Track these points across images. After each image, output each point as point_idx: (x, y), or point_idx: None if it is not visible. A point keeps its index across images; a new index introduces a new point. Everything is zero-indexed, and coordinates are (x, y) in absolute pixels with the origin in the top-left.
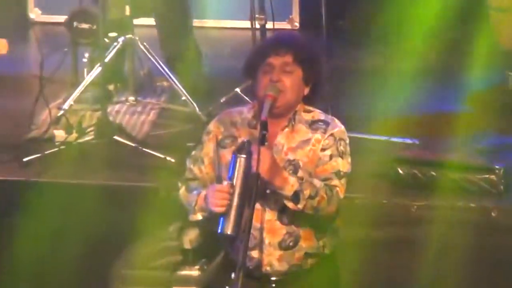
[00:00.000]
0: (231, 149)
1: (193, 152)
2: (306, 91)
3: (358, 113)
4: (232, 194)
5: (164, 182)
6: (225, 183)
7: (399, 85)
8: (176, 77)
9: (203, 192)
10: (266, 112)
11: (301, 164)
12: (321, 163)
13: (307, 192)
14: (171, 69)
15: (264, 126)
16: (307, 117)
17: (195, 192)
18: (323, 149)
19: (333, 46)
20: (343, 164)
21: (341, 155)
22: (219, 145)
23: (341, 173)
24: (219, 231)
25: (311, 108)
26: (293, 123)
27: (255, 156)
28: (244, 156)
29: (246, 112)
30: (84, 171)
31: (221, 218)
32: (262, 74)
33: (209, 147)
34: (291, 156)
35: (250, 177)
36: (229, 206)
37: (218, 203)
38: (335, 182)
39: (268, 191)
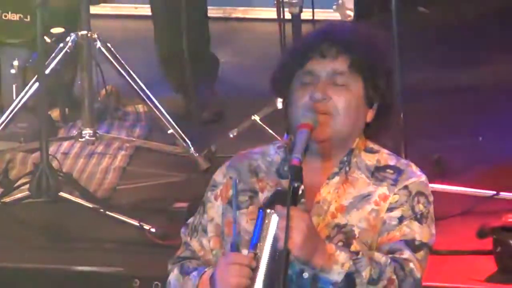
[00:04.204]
0: (249, 212)
1: (190, 218)
2: (370, 116)
3: (448, 154)
4: (255, 271)
5: (140, 265)
6: (246, 252)
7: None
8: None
9: (208, 272)
10: (301, 151)
11: (356, 232)
12: (385, 229)
13: (366, 274)
14: (164, 73)
15: (297, 174)
16: (370, 160)
17: (194, 273)
18: (390, 209)
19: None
20: (422, 232)
21: (419, 218)
22: (231, 205)
23: (416, 242)
24: None
25: (375, 147)
26: (347, 169)
27: (282, 224)
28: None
29: (273, 153)
30: (14, 249)
31: None
32: (298, 88)
33: (214, 209)
34: (341, 220)
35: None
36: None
37: (234, 282)
38: (407, 254)
39: (305, 275)
